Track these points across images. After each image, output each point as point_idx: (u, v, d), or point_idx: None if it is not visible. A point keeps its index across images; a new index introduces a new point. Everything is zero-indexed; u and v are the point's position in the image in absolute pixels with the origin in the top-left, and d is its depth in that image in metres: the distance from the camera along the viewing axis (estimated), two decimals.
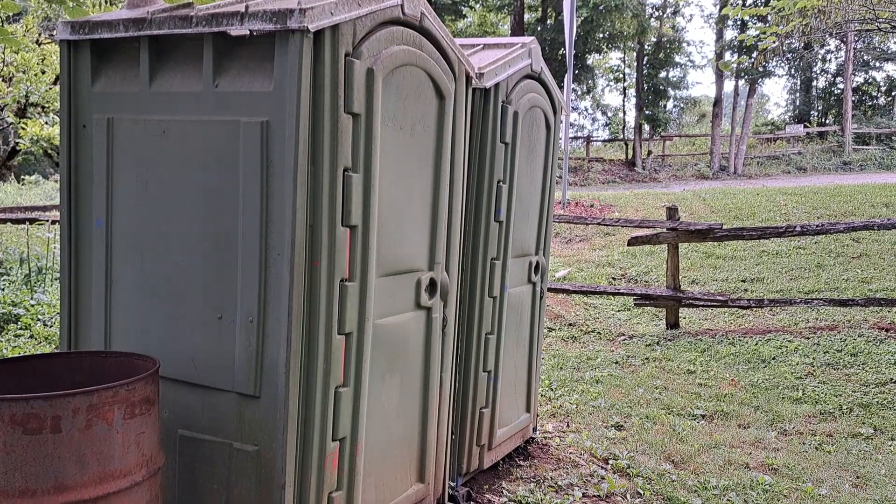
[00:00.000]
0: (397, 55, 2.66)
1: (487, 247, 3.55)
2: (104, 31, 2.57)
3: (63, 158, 2.72)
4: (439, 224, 3.06)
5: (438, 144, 3.01)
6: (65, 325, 2.81)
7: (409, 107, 2.80)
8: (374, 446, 2.79)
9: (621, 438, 4.66)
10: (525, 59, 3.75)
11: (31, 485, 1.92)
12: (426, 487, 3.14)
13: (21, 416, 1.90)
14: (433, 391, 3.12)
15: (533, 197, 4.01)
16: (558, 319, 7.97)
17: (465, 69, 3.15)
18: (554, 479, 3.91)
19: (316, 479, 2.50)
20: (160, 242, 2.58)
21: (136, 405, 2.12)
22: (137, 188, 2.60)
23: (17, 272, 7.28)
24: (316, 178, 2.40)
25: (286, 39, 2.29)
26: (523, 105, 3.71)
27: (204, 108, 2.45)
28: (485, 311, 3.58)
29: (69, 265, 2.76)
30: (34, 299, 5.81)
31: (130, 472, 2.09)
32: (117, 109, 2.61)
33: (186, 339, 2.55)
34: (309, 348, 2.46)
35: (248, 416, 2.46)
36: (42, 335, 4.91)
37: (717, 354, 6.71)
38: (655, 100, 27.88)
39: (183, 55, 2.50)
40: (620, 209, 13.60)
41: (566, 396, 5.48)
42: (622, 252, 10.55)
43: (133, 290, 2.65)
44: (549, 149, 4.15)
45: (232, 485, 2.48)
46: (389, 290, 2.82)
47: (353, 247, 2.57)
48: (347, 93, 2.43)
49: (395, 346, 2.89)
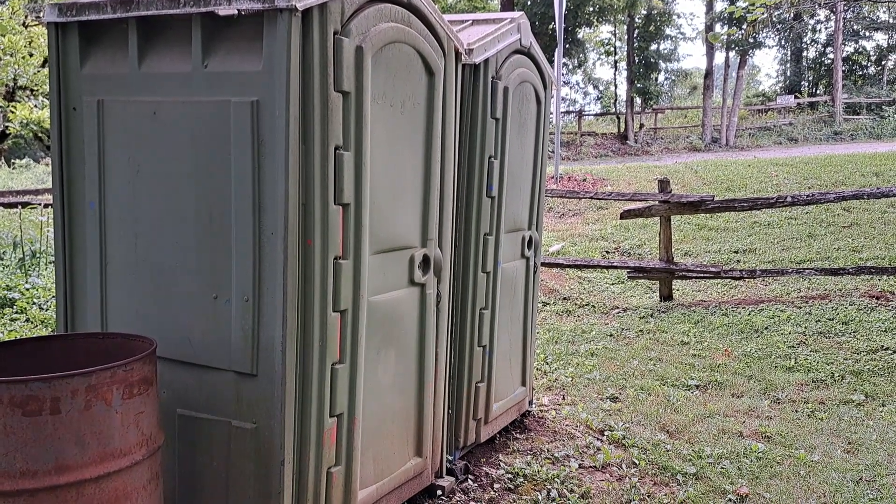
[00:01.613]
0: (386, 32, 2.65)
1: (480, 222, 3.56)
2: (91, 13, 2.55)
3: (54, 141, 2.72)
4: (431, 200, 3.07)
5: (429, 121, 3.01)
6: (60, 308, 2.82)
7: (398, 84, 2.79)
8: (371, 421, 2.82)
9: (616, 410, 4.72)
10: (514, 34, 3.73)
11: (31, 466, 1.95)
12: (424, 461, 3.19)
13: (20, 398, 1.92)
14: (429, 366, 3.16)
15: (524, 172, 4.02)
16: (553, 294, 8.01)
17: (454, 45, 3.14)
18: (550, 451, 3.97)
19: (314, 455, 2.54)
20: (154, 223, 2.58)
21: (135, 385, 2.14)
22: (129, 170, 2.60)
23: (11, 256, 7.27)
24: (307, 157, 2.41)
25: (274, 18, 2.28)
26: (513, 80, 3.71)
27: (194, 88, 2.45)
28: (478, 286, 3.60)
29: (63, 248, 2.77)
30: (29, 283, 5.81)
31: (130, 451, 2.12)
32: (107, 91, 2.60)
33: (182, 319, 2.57)
34: (304, 326, 2.49)
35: (245, 394, 2.49)
36: (38, 318, 4.92)
37: (710, 325, 6.77)
38: (647, 73, 27.75)
39: (172, 36, 2.49)
40: (613, 183, 13.61)
41: (561, 370, 5.53)
42: (615, 225, 10.59)
43: (128, 272, 2.66)
44: (540, 124, 4.15)
45: (231, 462, 2.52)
46: (383, 267, 2.84)
47: (346, 225, 2.58)
48: (337, 71, 2.43)
49: (390, 322, 2.91)
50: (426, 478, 3.24)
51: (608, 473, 3.79)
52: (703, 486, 3.68)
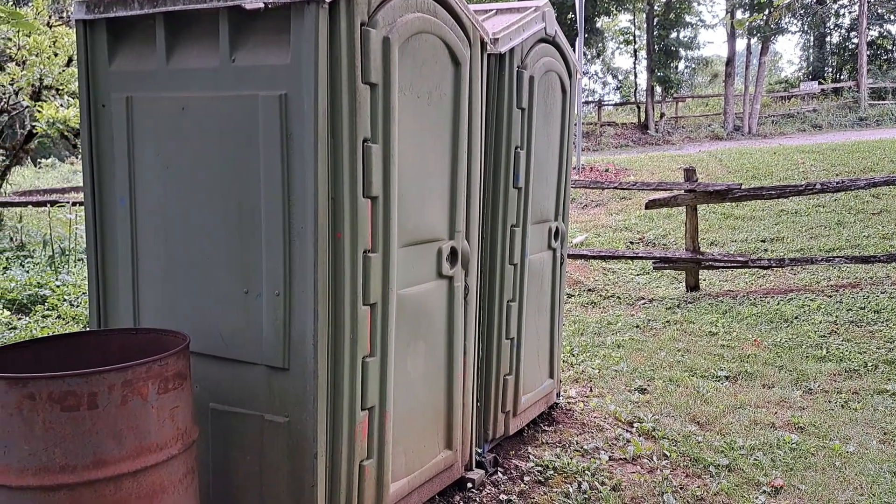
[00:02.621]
0: (412, 23, 2.62)
1: (507, 214, 3.53)
2: (119, 9, 2.56)
3: (84, 139, 2.73)
4: (458, 193, 3.05)
5: (455, 112, 2.99)
6: (93, 304, 2.85)
7: (425, 75, 2.77)
8: (402, 415, 2.82)
9: (645, 402, 4.68)
10: (539, 22, 3.69)
11: (70, 461, 1.97)
12: (454, 454, 3.18)
13: (59, 393, 1.94)
14: (457, 359, 3.14)
15: (551, 162, 3.98)
16: (577, 285, 7.96)
17: (479, 35, 3.11)
18: (579, 444, 3.94)
19: (347, 448, 2.54)
20: (184, 219, 2.59)
21: (170, 380, 2.15)
22: (159, 166, 2.61)
23: (41, 254, 7.38)
24: (336, 150, 2.39)
25: (301, 11, 2.27)
26: (538, 69, 3.67)
27: (222, 83, 2.44)
28: (506, 278, 3.58)
29: (95, 245, 2.79)
30: (59, 280, 5.89)
31: (166, 445, 2.13)
32: (135, 88, 2.61)
33: (214, 313, 2.58)
34: (335, 320, 2.48)
35: (277, 388, 2.49)
36: (69, 315, 4.98)
37: (738, 315, 6.69)
38: (667, 61, 27.43)
39: (199, 31, 2.49)
40: (635, 173, 13.49)
41: (588, 361, 5.49)
42: (639, 216, 10.49)
43: (159, 267, 2.67)
44: (566, 113, 4.11)
45: (264, 456, 2.53)
46: (411, 260, 2.82)
47: (375, 218, 2.57)
48: (364, 63, 2.41)
49: (419, 315, 2.90)
50: (456, 470, 3.24)
51: (639, 465, 3.76)
52: (737, 477, 3.63)
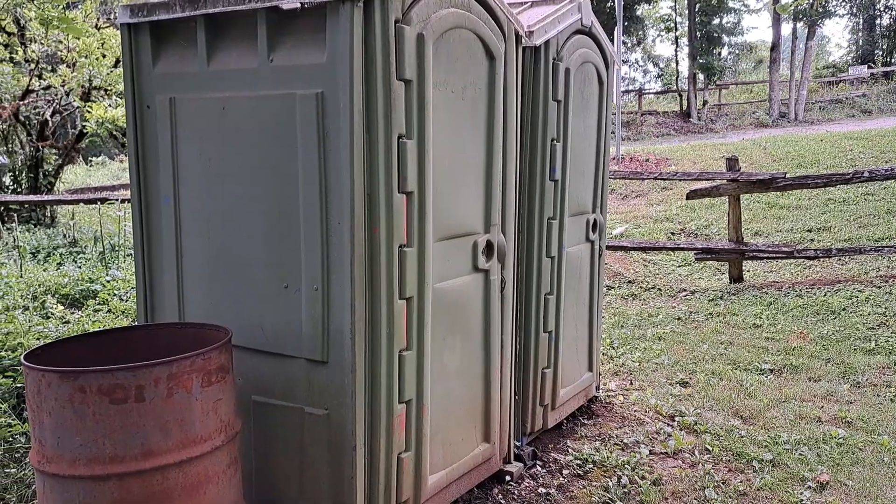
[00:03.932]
0: (446, 18, 2.63)
1: (543, 206, 3.53)
2: (161, 13, 2.63)
3: (130, 140, 2.82)
4: (494, 186, 3.05)
5: (490, 106, 2.99)
6: (140, 299, 2.94)
7: (459, 70, 2.78)
8: (439, 408, 2.85)
9: (687, 395, 4.62)
10: (575, 13, 3.67)
11: (119, 451, 2.04)
12: (492, 447, 3.19)
13: (108, 386, 2.01)
14: (494, 353, 3.16)
15: (588, 154, 3.95)
16: (617, 277, 7.89)
17: (514, 28, 3.11)
18: (619, 437, 3.92)
19: (385, 440, 2.58)
20: (225, 216, 2.65)
21: (213, 373, 2.21)
22: (201, 165, 2.68)
23: (92, 250, 7.62)
24: (371, 147, 2.42)
25: (337, 10, 2.30)
26: (574, 61, 3.64)
27: (260, 83, 2.49)
28: (543, 271, 3.57)
29: (141, 242, 2.88)
30: (109, 275, 6.08)
31: (210, 437, 2.20)
32: (178, 89, 2.68)
33: (255, 308, 2.64)
34: (372, 314, 2.52)
35: (317, 381, 2.54)
36: (119, 309, 5.14)
37: (783, 307, 6.54)
38: (709, 47, 26.84)
39: (238, 32, 2.54)
40: (677, 162, 13.26)
41: (628, 354, 5.45)
42: (680, 206, 10.33)
43: (202, 264, 2.75)
44: (603, 104, 4.07)
45: (305, 448, 2.58)
46: (447, 253, 2.84)
47: (411, 212, 2.59)
48: (399, 59, 2.43)
49: (455, 309, 2.92)
50: (494, 463, 3.25)
51: (680, 460, 3.73)
52: (781, 472, 3.57)
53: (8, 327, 4.24)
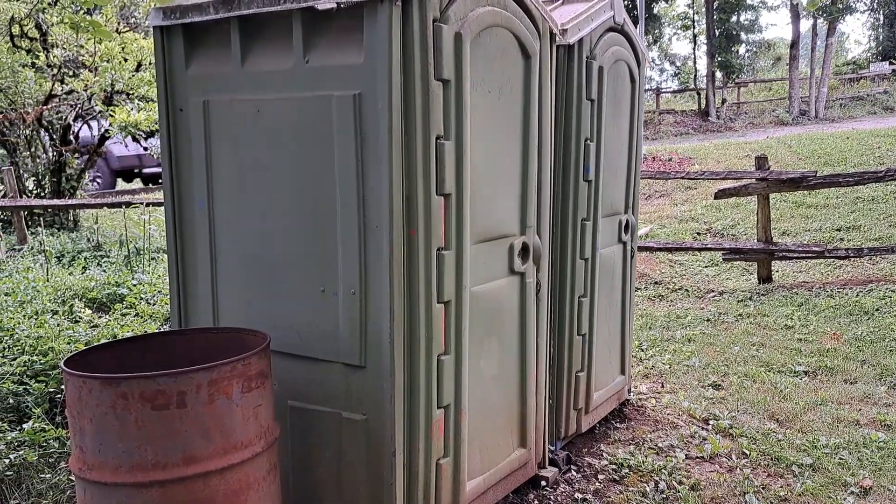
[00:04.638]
0: (483, 17, 2.59)
1: (577, 208, 3.47)
2: (195, 15, 2.60)
3: (163, 143, 2.80)
4: (529, 187, 3.00)
5: (526, 106, 2.94)
6: (174, 303, 2.92)
7: (495, 69, 2.74)
8: (476, 412, 2.80)
9: (720, 398, 4.54)
10: (607, 11, 3.61)
11: (161, 458, 2.02)
12: (528, 452, 3.14)
13: (150, 392, 1.99)
14: (530, 357, 3.11)
15: (620, 153, 3.89)
16: (643, 278, 7.80)
17: (548, 26, 3.06)
18: (653, 441, 3.85)
19: (424, 446, 2.53)
20: (261, 220, 2.63)
21: (252, 379, 2.18)
22: (235, 168, 2.65)
23: (117, 254, 7.66)
24: (409, 148, 2.38)
25: (374, 9, 2.26)
26: (608, 59, 3.58)
27: (296, 84, 2.46)
28: (577, 273, 3.52)
29: (175, 246, 2.86)
30: (135, 279, 6.09)
31: (251, 443, 2.17)
32: (212, 91, 2.65)
33: (291, 312, 2.61)
34: (410, 318, 2.48)
35: (354, 385, 2.51)
36: (147, 313, 5.14)
37: (815, 308, 6.43)
38: (727, 45, 26.54)
39: (272, 33, 2.51)
40: (700, 161, 13.13)
41: (658, 356, 5.37)
42: (705, 206, 10.21)
43: (237, 268, 2.72)
44: (635, 103, 4.01)
45: (343, 453, 2.55)
46: (483, 256, 2.80)
47: (448, 215, 2.55)
48: (437, 59, 2.39)
49: (492, 312, 2.88)
50: (530, 469, 3.20)
51: (717, 464, 3.65)
52: (822, 477, 3.48)
53: (39, 332, 4.25)
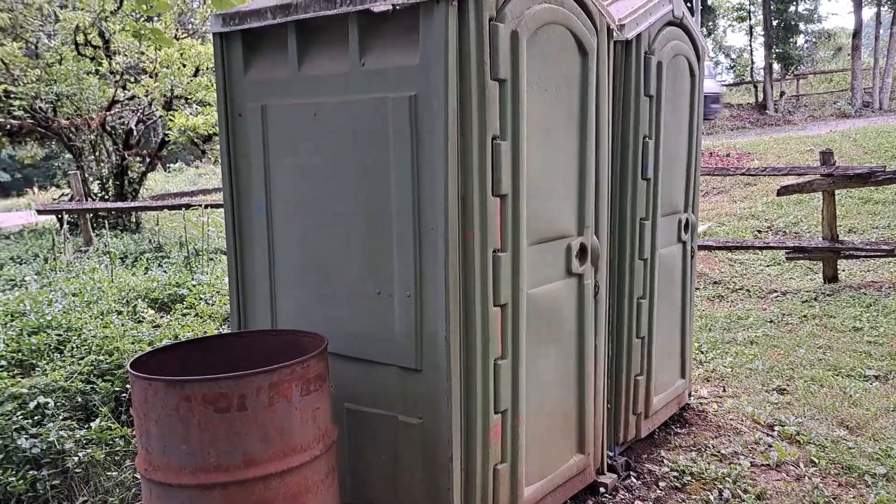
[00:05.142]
0: (540, 14, 2.54)
1: (635, 207, 3.39)
2: (253, 21, 2.63)
3: (223, 148, 2.84)
4: (587, 187, 2.94)
5: (583, 104, 2.88)
6: (234, 305, 2.96)
7: (552, 67, 2.69)
8: (534, 418, 2.75)
9: (785, 403, 4.38)
10: (666, 5, 3.51)
11: (223, 460, 2.04)
12: (586, 458, 3.08)
13: (212, 395, 2.01)
14: (588, 360, 3.04)
15: (680, 150, 3.79)
16: (702, 277, 7.60)
17: (606, 22, 2.99)
18: (716, 448, 3.73)
19: (481, 451, 2.50)
20: (317, 222, 2.64)
21: (311, 382, 2.19)
22: (293, 171, 2.67)
23: (177, 255, 7.86)
24: (465, 149, 2.36)
25: (430, 10, 2.24)
26: (666, 54, 3.49)
27: (352, 87, 2.46)
28: (636, 274, 3.44)
29: (235, 250, 2.89)
30: (195, 280, 6.23)
31: (310, 446, 2.17)
32: (270, 96, 2.67)
33: (347, 314, 2.61)
34: (466, 321, 2.45)
35: (410, 389, 2.49)
36: (206, 313, 5.25)
37: (885, 309, 6.15)
38: (786, 36, 25.68)
39: (328, 37, 2.52)
40: (760, 156, 12.73)
41: (719, 359, 5.21)
42: (766, 202, 9.89)
43: (294, 270, 2.74)
44: (694, 98, 3.90)
45: (399, 456, 2.54)
46: (540, 258, 2.75)
47: (504, 216, 2.52)
48: (493, 58, 2.35)
49: (549, 315, 2.82)
50: (588, 475, 3.14)
51: (784, 473, 3.52)
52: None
53: (105, 332, 4.38)
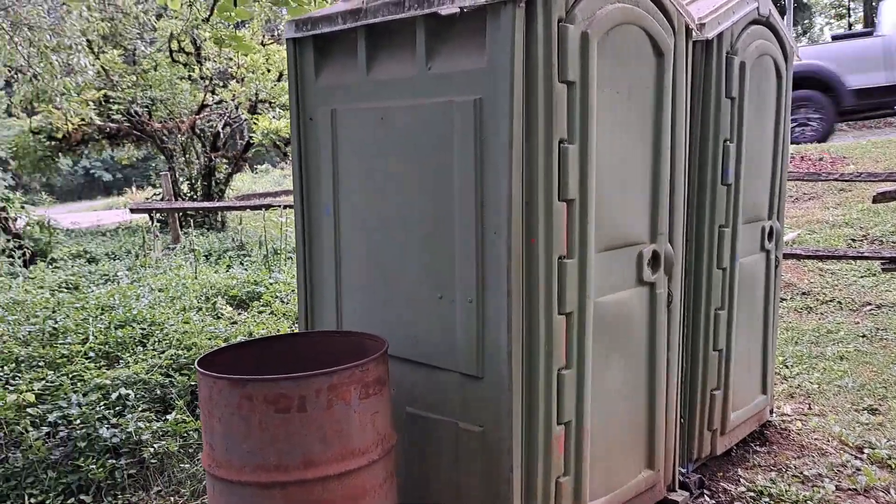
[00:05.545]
0: (612, 15, 2.47)
1: (714, 213, 3.25)
2: (324, 26, 2.67)
3: (294, 152, 2.89)
4: (661, 192, 2.83)
5: (657, 106, 2.78)
6: (302, 306, 3.01)
7: (625, 68, 2.60)
8: (599, 431, 2.67)
9: (877, 424, 4.09)
10: (751, 2, 3.35)
11: (283, 460, 2.07)
12: (656, 474, 2.96)
13: (273, 395, 2.04)
14: (659, 372, 2.93)
15: (764, 155, 3.60)
16: (789, 288, 7.23)
17: (684, 21, 2.87)
18: (798, 469, 3.53)
19: (543, 463, 2.44)
20: (382, 226, 2.65)
21: (370, 385, 2.19)
22: (359, 175, 2.69)
23: (257, 254, 8.12)
24: (530, 153, 2.31)
25: (498, 12, 2.21)
26: (750, 54, 3.32)
27: (418, 91, 2.46)
28: (713, 284, 3.29)
29: (304, 251, 2.95)
30: (272, 278, 6.41)
31: (368, 450, 2.18)
32: (339, 100, 2.71)
33: (409, 318, 2.60)
34: (529, 329, 2.40)
35: (471, 396, 2.46)
36: (280, 311, 5.39)
37: None
38: None
39: (397, 41, 2.52)
40: (856, 161, 12.01)
41: (805, 375, 4.93)
42: (862, 210, 9.31)
43: (359, 272, 2.76)
44: (781, 100, 3.70)
45: (459, 464, 2.51)
46: (609, 265, 2.66)
47: (571, 221, 2.45)
48: (561, 60, 2.30)
49: (618, 325, 2.73)
50: (658, 492, 3.02)
51: (873, 499, 3.28)
52: None
53: (184, 327, 4.56)
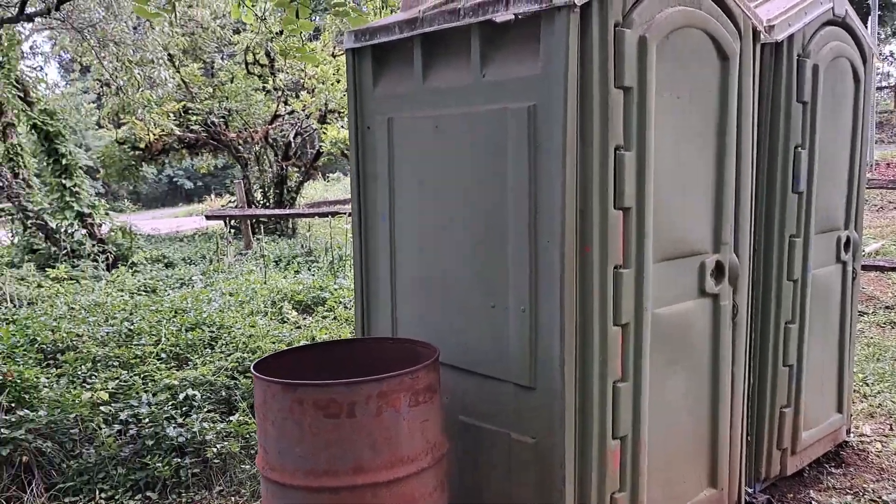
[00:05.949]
0: (673, 18, 2.40)
1: (785, 222, 3.11)
2: (382, 36, 2.70)
3: (352, 160, 2.94)
4: (725, 200, 2.73)
5: (722, 111, 2.68)
6: (358, 312, 3.04)
7: (686, 73, 2.52)
8: (658, 446, 2.59)
9: None
10: (825, 3, 3.20)
11: (333, 466, 2.09)
12: (720, 493, 2.85)
13: (323, 400, 2.06)
14: (723, 388, 2.82)
15: (839, 161, 3.43)
16: (872, 301, 6.85)
17: (751, 24, 2.77)
18: (877, 493, 3.33)
19: (597, 477, 2.39)
20: (436, 234, 2.65)
21: (420, 393, 2.19)
22: (414, 183, 2.70)
23: (323, 260, 8.28)
24: (585, 160, 2.27)
25: (552, 18, 2.18)
26: (824, 57, 3.17)
27: (473, 99, 2.45)
28: (783, 296, 3.14)
29: (361, 259, 2.98)
30: (337, 284, 6.52)
31: (417, 457, 2.17)
32: (395, 109, 2.73)
33: (462, 327, 2.59)
34: (583, 340, 2.35)
35: (524, 406, 2.43)
36: (343, 317, 5.48)
37: None
38: None
39: (451, 49, 2.53)
40: None
41: (887, 393, 4.66)
42: None
43: (414, 280, 2.77)
44: (859, 104, 3.52)
45: (512, 474, 2.48)
46: (669, 276, 2.58)
47: (627, 230, 2.39)
48: (618, 66, 2.25)
49: (678, 337, 2.65)
50: None
51: None
52: None
53: (251, 331, 4.68)
